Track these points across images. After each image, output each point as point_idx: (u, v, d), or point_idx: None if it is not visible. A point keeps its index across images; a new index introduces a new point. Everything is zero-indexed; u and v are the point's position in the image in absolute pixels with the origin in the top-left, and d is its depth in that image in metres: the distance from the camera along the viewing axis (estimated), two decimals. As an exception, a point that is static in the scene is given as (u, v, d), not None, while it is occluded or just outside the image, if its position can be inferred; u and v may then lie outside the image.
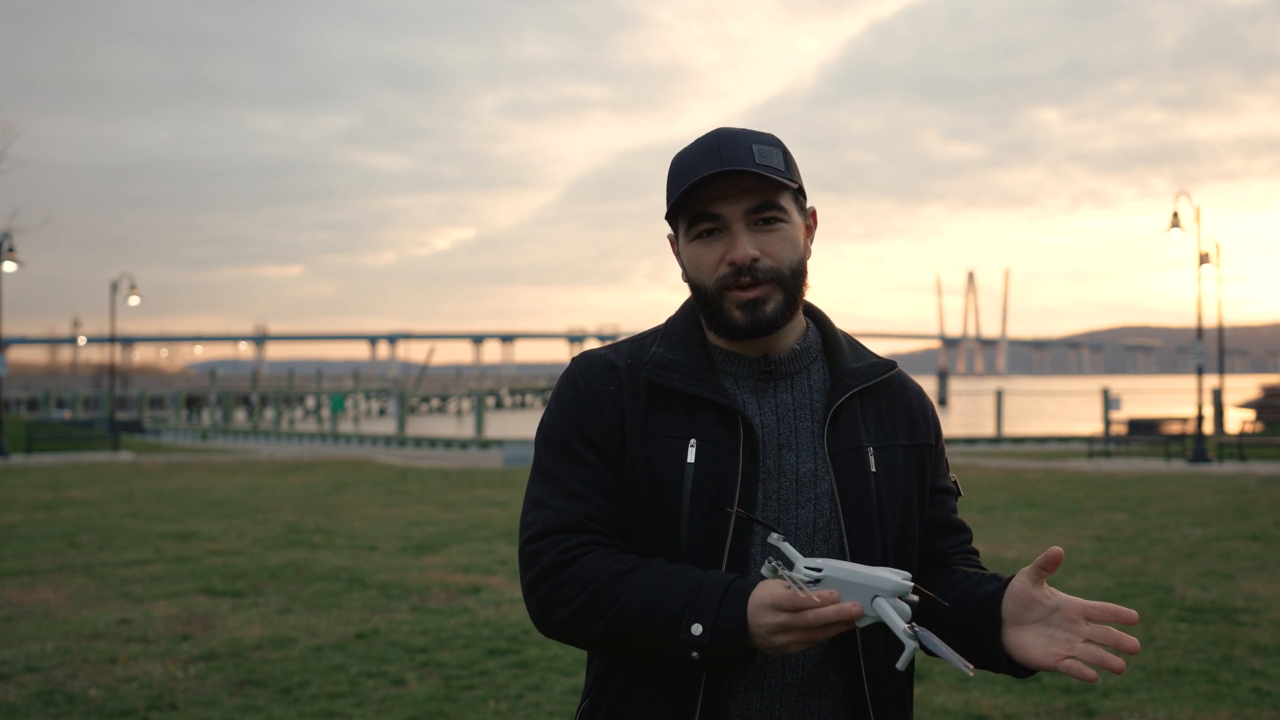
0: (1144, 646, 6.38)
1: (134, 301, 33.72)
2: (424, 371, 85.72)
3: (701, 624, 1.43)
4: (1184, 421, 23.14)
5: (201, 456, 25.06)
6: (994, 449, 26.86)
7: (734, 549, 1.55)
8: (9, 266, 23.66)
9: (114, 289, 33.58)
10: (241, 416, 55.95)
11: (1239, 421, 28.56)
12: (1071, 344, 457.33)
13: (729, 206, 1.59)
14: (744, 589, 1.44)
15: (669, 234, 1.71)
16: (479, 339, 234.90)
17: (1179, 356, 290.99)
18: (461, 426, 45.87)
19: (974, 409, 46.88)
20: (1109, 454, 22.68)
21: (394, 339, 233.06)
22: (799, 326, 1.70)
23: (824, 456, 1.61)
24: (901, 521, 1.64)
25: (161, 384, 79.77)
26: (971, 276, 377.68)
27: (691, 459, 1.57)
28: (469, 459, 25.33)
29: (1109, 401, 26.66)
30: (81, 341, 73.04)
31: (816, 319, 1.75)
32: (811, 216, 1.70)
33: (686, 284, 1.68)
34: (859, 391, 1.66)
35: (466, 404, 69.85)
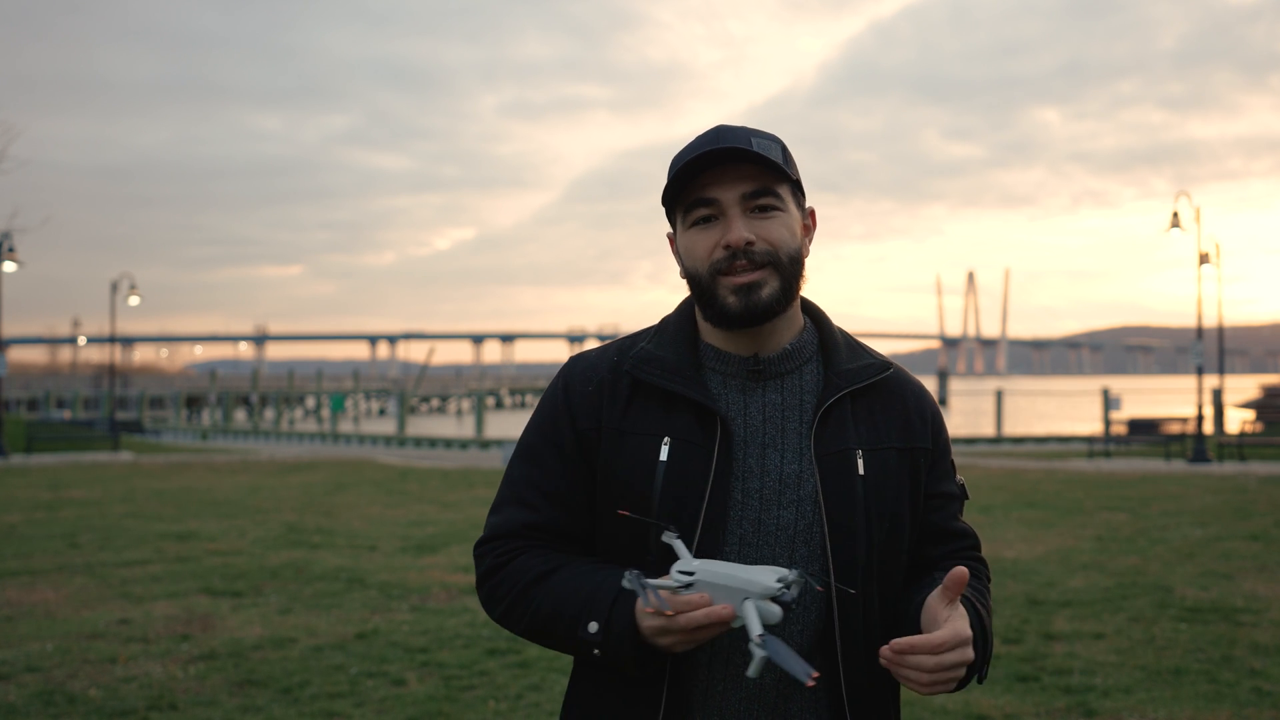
0: (1144, 646, 6.38)
1: (134, 301, 33.72)
2: (424, 371, 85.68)
3: (597, 623, 1.49)
4: (1184, 421, 23.14)
5: (201, 456, 25.06)
6: (994, 449, 26.85)
7: (702, 546, 1.56)
8: (9, 266, 23.65)
9: (114, 289, 33.58)
10: (241, 416, 55.95)
11: (1239, 421, 28.56)
12: (1071, 344, 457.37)
13: (725, 191, 1.59)
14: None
15: (668, 232, 1.71)
16: (479, 339, 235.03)
17: (1179, 356, 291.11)
18: (461, 426, 45.88)
19: (974, 409, 46.89)
20: (1109, 454, 22.68)
21: (394, 339, 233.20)
22: (795, 325, 1.68)
23: (810, 458, 1.59)
24: (889, 526, 1.61)
25: (161, 384, 79.74)
26: (971, 276, 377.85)
27: (664, 457, 1.58)
28: (469, 459, 25.32)
29: (1109, 401, 26.66)
30: (81, 341, 73.04)
31: (815, 318, 1.73)
32: (810, 216, 1.70)
33: (685, 279, 1.67)
34: (852, 393, 1.64)
35: (466, 404, 69.86)
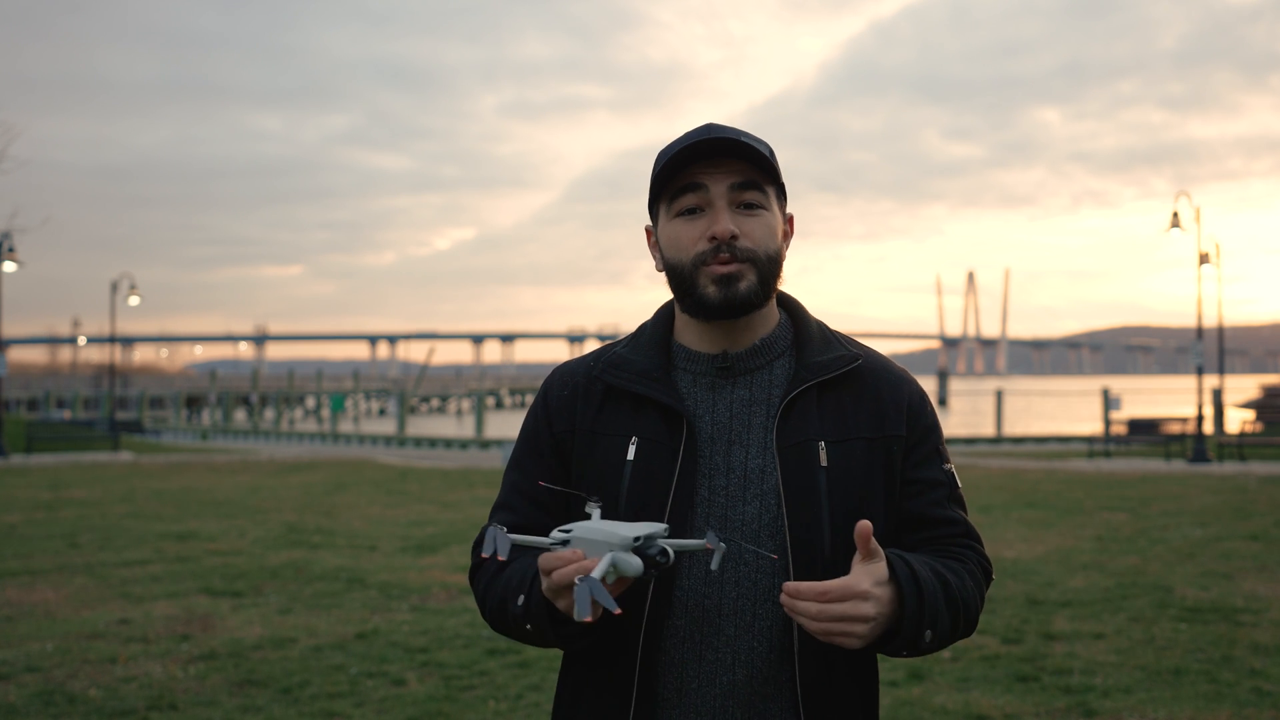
0: (1144, 646, 6.38)
1: (134, 301, 33.71)
2: (424, 371, 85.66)
3: (523, 595, 1.55)
4: (1184, 421, 23.11)
5: (201, 456, 25.05)
6: (994, 449, 26.84)
7: None
8: (9, 266, 23.63)
9: (114, 289, 33.58)
10: (241, 416, 55.91)
11: (1239, 421, 28.53)
12: (1071, 344, 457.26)
13: (713, 180, 1.61)
14: None
15: (647, 225, 1.73)
16: (479, 339, 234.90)
17: (1179, 356, 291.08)
18: (461, 426, 45.85)
19: (974, 409, 46.88)
20: (1109, 454, 22.67)
21: (394, 339, 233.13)
22: (769, 322, 1.69)
23: (772, 452, 1.61)
24: (854, 517, 1.58)
25: (161, 384, 79.66)
26: (971, 276, 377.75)
27: (631, 456, 1.62)
28: (469, 459, 25.31)
29: (1109, 401, 26.64)
30: (81, 341, 73.00)
31: (792, 313, 1.74)
32: (789, 223, 1.71)
33: (663, 272, 1.68)
34: (820, 385, 1.64)
35: (466, 404, 69.82)
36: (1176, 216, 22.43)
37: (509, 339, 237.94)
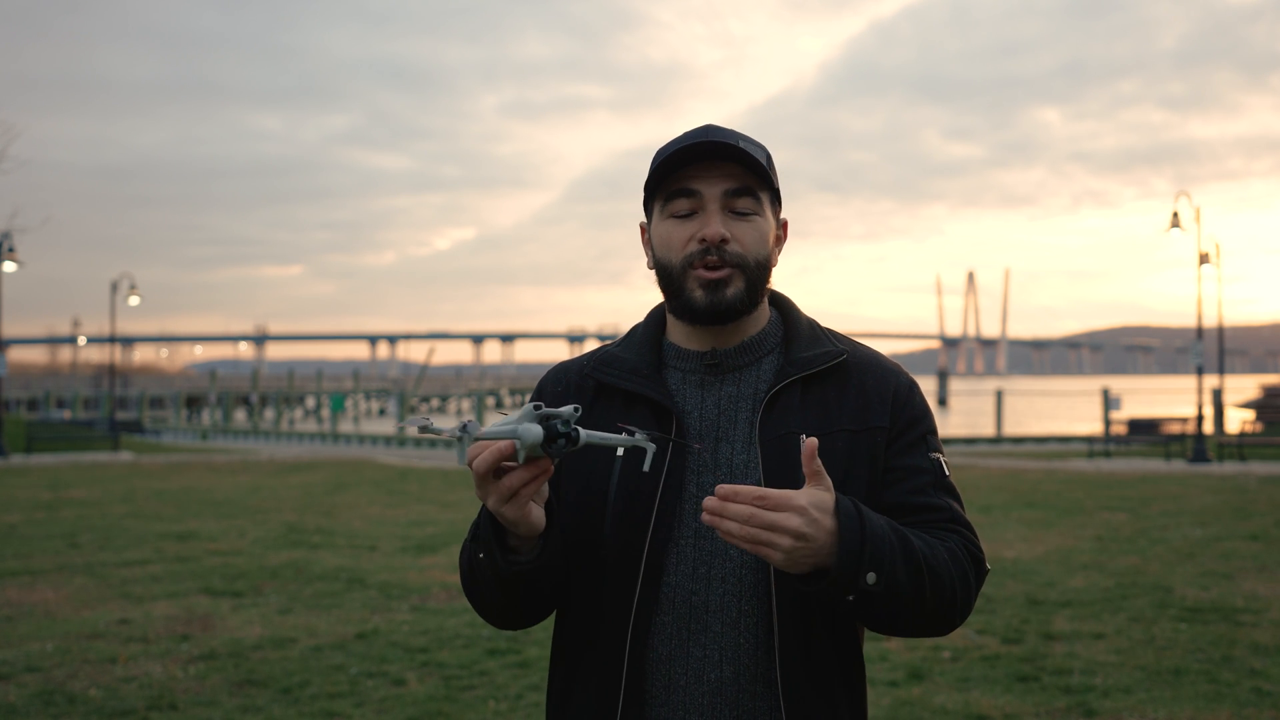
0: (1144, 646, 6.38)
1: (134, 301, 33.70)
2: (424, 371, 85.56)
3: (474, 528, 1.60)
4: (1184, 421, 23.11)
5: (201, 456, 25.06)
6: (994, 449, 26.82)
7: (655, 539, 1.60)
8: (9, 266, 23.63)
9: (114, 289, 33.57)
10: (241, 416, 55.90)
11: (1239, 421, 28.53)
12: (1071, 344, 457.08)
13: (708, 185, 1.62)
14: None
15: (641, 222, 1.74)
16: (479, 339, 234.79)
17: (1179, 356, 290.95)
18: (461, 426, 45.76)
19: (974, 409, 46.87)
20: (1109, 454, 22.67)
21: (394, 339, 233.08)
22: (759, 321, 1.71)
23: (756, 446, 1.62)
24: None
25: (161, 384, 79.65)
26: (971, 276, 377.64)
27: (620, 452, 1.63)
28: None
29: (1109, 401, 26.62)
30: (81, 341, 72.91)
31: (782, 310, 1.76)
32: (783, 228, 1.72)
33: (654, 271, 1.69)
34: (804, 379, 1.65)
35: (466, 404, 69.83)
36: (1176, 216, 22.43)
37: (509, 339, 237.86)
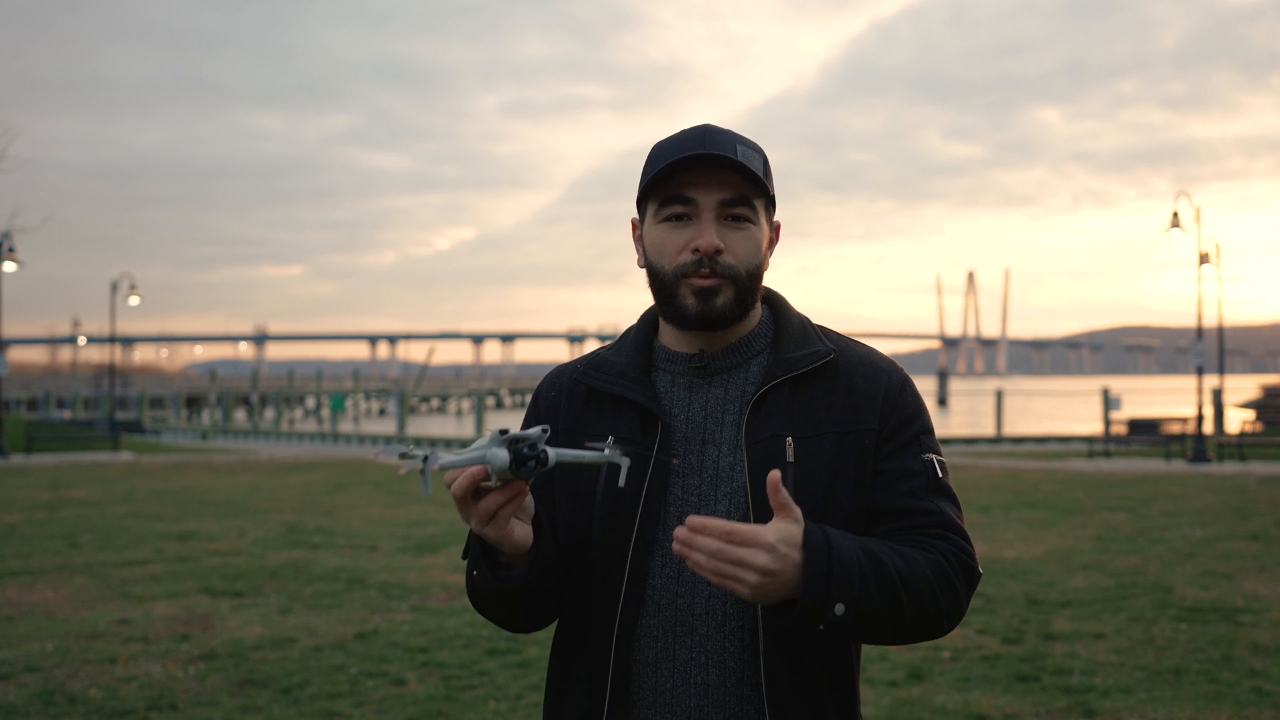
0: (1144, 646, 6.38)
1: (134, 301, 33.71)
2: (424, 371, 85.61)
3: (467, 543, 1.63)
4: (1184, 421, 23.11)
5: (201, 456, 25.06)
6: (994, 449, 26.83)
7: (639, 543, 1.60)
8: (9, 266, 23.64)
9: (114, 289, 33.57)
10: (241, 416, 55.87)
11: (1239, 421, 28.54)
12: (1071, 344, 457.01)
13: (704, 194, 1.61)
14: None
15: (633, 218, 1.73)
16: (479, 339, 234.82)
17: (1179, 356, 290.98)
18: (461, 426, 45.89)
19: (974, 409, 46.88)
20: (1109, 454, 22.67)
21: (394, 339, 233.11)
22: (749, 321, 1.70)
23: (742, 449, 1.61)
24: (821, 514, 1.56)
25: (161, 384, 79.62)
26: (971, 276, 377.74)
27: (606, 453, 1.63)
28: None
29: (1109, 401, 26.63)
30: (81, 341, 72.95)
31: (774, 308, 1.75)
32: (776, 230, 1.72)
33: (644, 269, 1.69)
34: (793, 380, 1.63)
35: (466, 404, 69.80)
36: (1176, 216, 22.43)
37: (509, 339, 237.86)
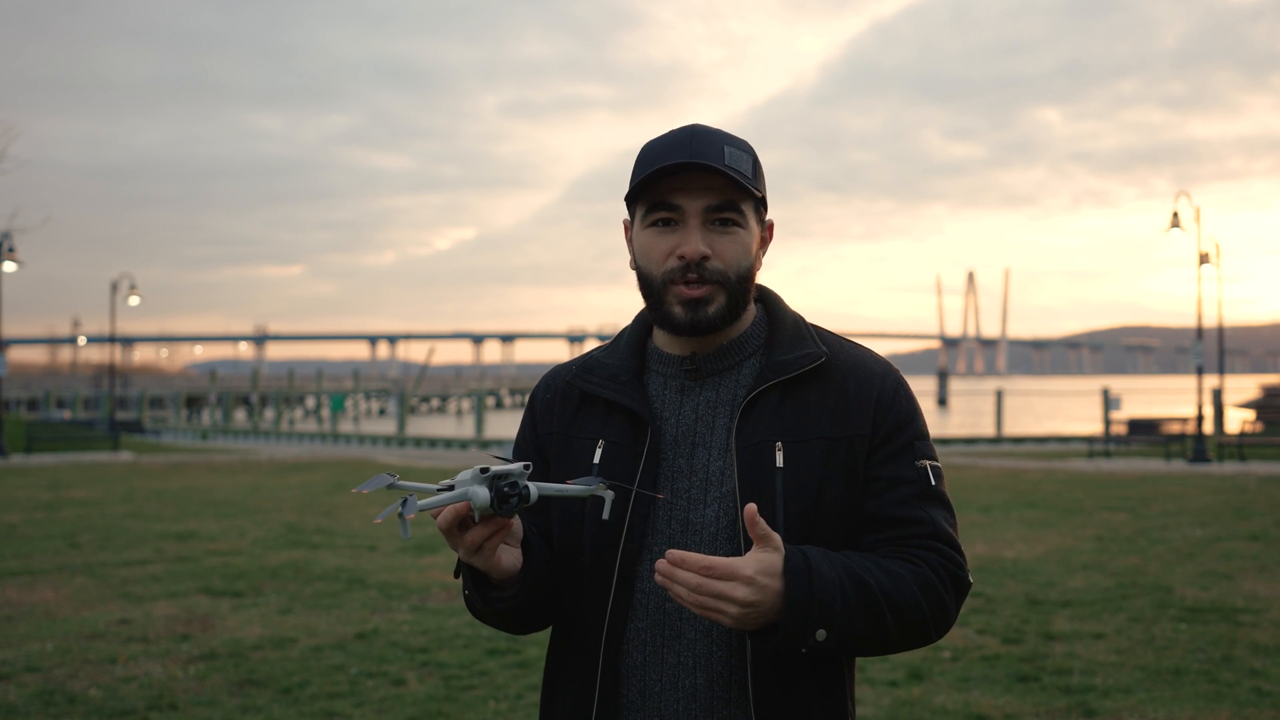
0: (1144, 646, 6.38)
1: (134, 301, 33.71)
2: (424, 371, 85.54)
3: (458, 566, 1.62)
4: (1184, 421, 23.11)
5: (201, 456, 25.05)
6: (994, 449, 26.81)
7: (628, 547, 1.60)
8: (9, 266, 23.63)
9: (114, 289, 33.58)
10: (241, 416, 55.85)
11: (1239, 421, 28.54)
12: (1071, 344, 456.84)
13: (690, 200, 1.60)
14: None
15: (625, 219, 1.72)
16: (479, 339, 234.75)
17: (1179, 356, 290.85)
18: (461, 426, 45.84)
19: (974, 409, 46.86)
20: (1109, 454, 22.67)
21: (394, 339, 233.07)
22: (741, 322, 1.68)
23: (731, 453, 1.60)
24: (811, 519, 1.56)
25: (161, 384, 79.55)
26: (971, 276, 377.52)
27: (597, 459, 1.64)
28: (469, 459, 25.29)
29: (1109, 401, 26.62)
30: (81, 341, 72.96)
31: (768, 308, 1.73)
32: (768, 229, 1.70)
33: (634, 270, 1.68)
34: (784, 383, 1.62)
35: (466, 404, 69.75)
36: (1176, 216, 22.43)
37: (509, 339, 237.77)
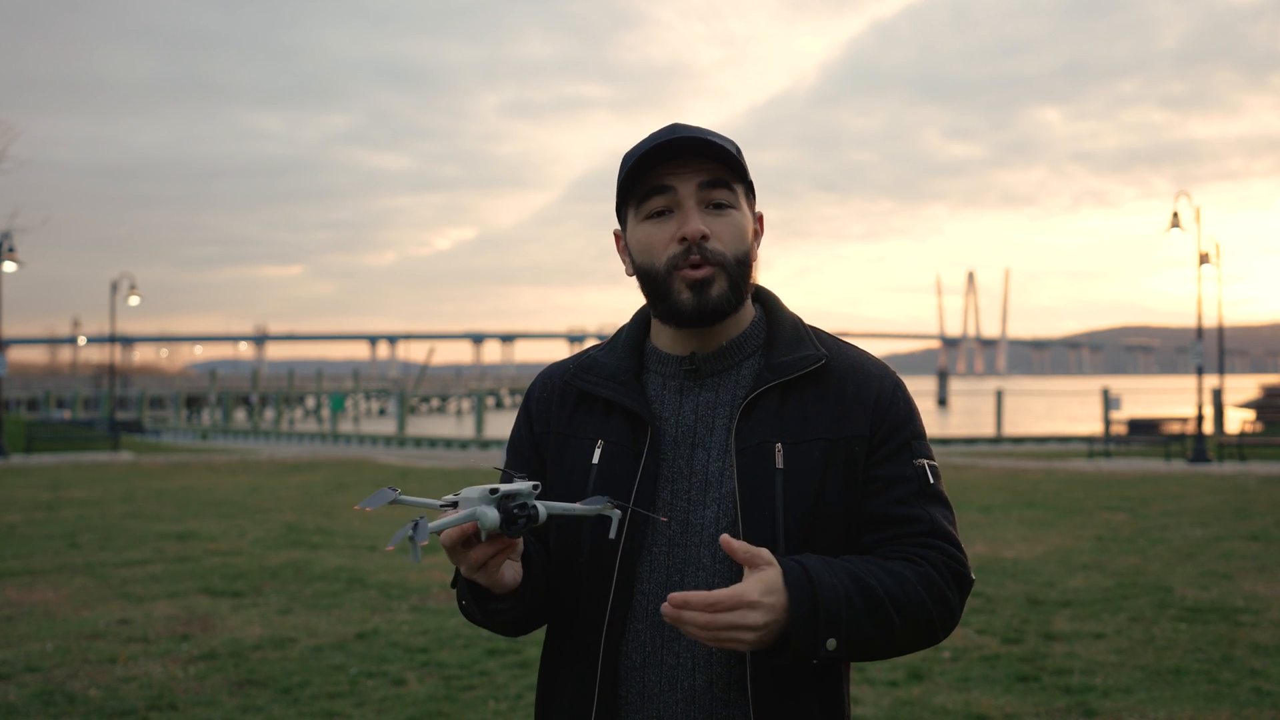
0: (1144, 646, 6.38)
1: (134, 301, 33.70)
2: (424, 371, 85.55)
3: (454, 575, 1.60)
4: (1184, 421, 23.11)
5: (201, 456, 25.05)
6: (994, 449, 26.82)
7: (627, 548, 1.59)
8: (9, 266, 23.62)
9: (114, 289, 33.57)
10: (241, 416, 55.87)
11: (1239, 421, 28.54)
12: (1071, 344, 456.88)
13: (682, 181, 1.60)
14: None
15: (615, 230, 1.71)
16: (479, 339, 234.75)
17: (1179, 356, 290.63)
18: (461, 426, 45.84)
19: (974, 409, 46.86)
20: (1109, 454, 22.67)
21: (394, 339, 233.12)
22: (741, 322, 1.67)
23: (731, 454, 1.59)
24: (810, 521, 1.56)
25: (161, 384, 79.56)
26: (971, 276, 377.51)
27: (595, 460, 1.63)
28: (469, 459, 25.31)
29: (1109, 401, 26.62)
30: (81, 341, 72.96)
31: (767, 308, 1.72)
32: (759, 221, 1.70)
33: (635, 277, 1.67)
34: (784, 385, 1.61)
35: (466, 404, 69.80)
36: (1176, 216, 22.43)
37: (509, 339, 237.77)
